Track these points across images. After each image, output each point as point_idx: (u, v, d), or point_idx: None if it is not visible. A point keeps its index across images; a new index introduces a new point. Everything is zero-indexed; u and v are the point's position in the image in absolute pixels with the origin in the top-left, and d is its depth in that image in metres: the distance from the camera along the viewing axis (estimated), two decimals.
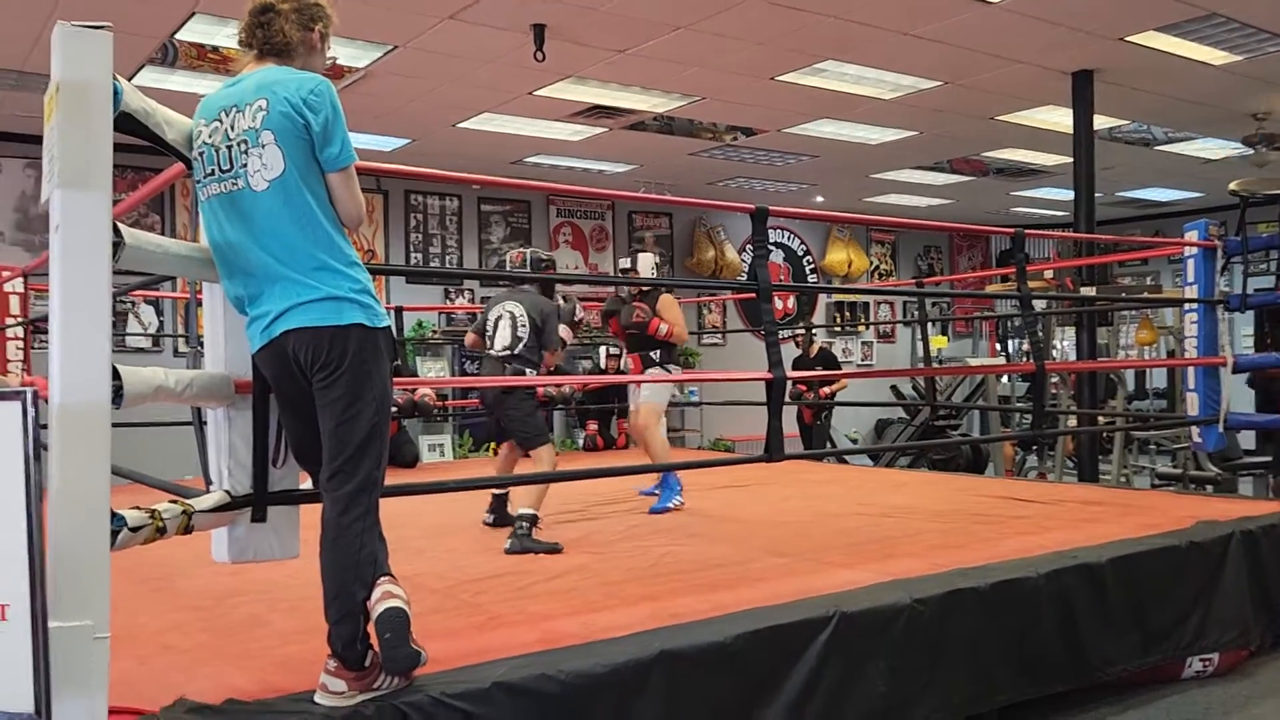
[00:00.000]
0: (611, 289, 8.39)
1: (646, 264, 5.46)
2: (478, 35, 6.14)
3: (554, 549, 4.03)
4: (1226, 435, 5.22)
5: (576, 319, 4.97)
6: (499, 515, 4.70)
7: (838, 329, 13.12)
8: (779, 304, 12.60)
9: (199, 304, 2.80)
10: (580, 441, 9.42)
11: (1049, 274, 9.09)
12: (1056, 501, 4.95)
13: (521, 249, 5.00)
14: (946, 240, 14.63)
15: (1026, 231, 4.50)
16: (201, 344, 2.73)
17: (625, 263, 5.46)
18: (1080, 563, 3.47)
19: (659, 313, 5.26)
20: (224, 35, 5.99)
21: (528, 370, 4.52)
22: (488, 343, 4.61)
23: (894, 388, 12.89)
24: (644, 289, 5.28)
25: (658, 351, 5.32)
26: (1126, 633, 3.56)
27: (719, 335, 12.09)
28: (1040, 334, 7.56)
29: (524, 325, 4.55)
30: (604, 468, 3.77)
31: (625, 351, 5.67)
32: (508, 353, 4.51)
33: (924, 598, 3.04)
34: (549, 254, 5.01)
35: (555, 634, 2.72)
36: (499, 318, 4.58)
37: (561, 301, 4.74)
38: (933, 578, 3.24)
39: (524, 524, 4.14)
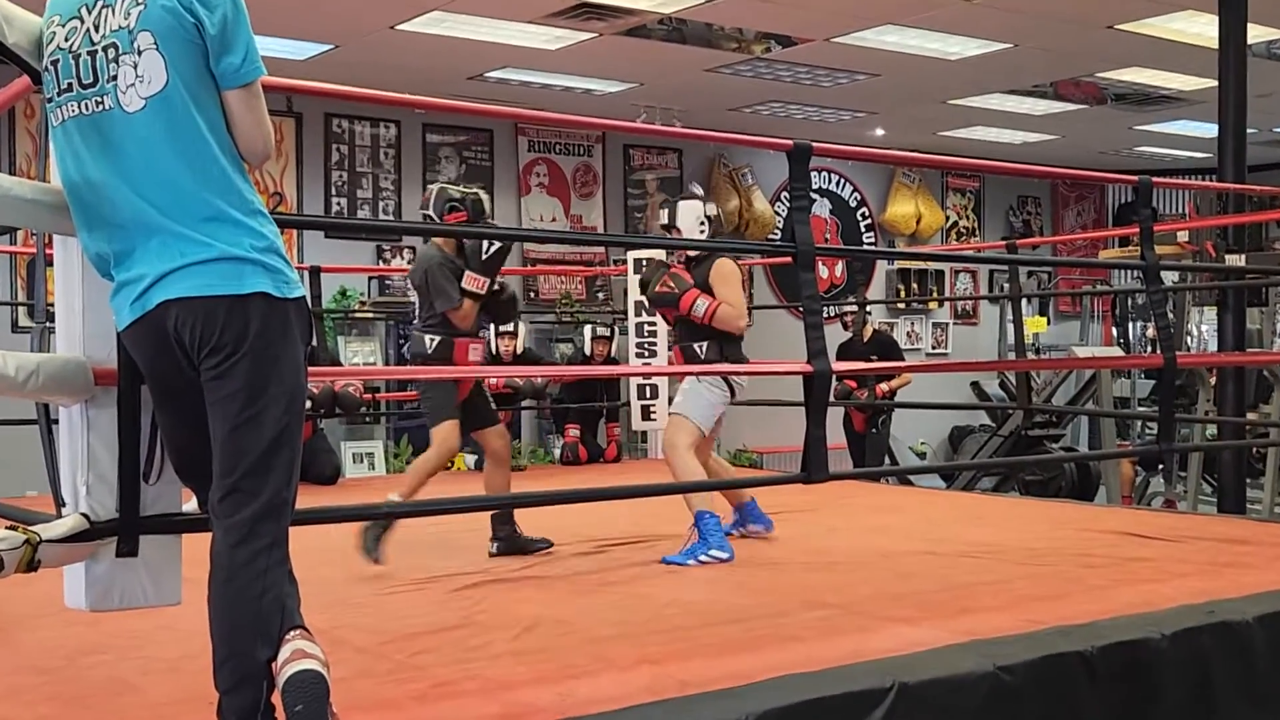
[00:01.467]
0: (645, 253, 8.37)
1: (690, 216, 5.04)
2: None
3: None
4: None
5: (488, 254, 4.80)
6: (506, 539, 4.91)
7: (901, 306, 13.13)
8: (823, 272, 12.62)
9: (48, 264, 2.79)
10: (557, 452, 9.43)
11: (1184, 236, 9.08)
12: (1188, 539, 4.97)
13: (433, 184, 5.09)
14: (1047, 190, 14.62)
15: (1154, 179, 4.49)
16: (51, 318, 2.72)
17: (664, 215, 5.11)
18: (1219, 620, 3.49)
19: (711, 285, 4.91)
20: None
21: (428, 339, 4.89)
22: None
23: (975, 385, 12.89)
24: (694, 253, 5.02)
25: (705, 345, 4.98)
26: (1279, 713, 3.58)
27: None
28: (1171, 316, 7.58)
29: (417, 288, 4.98)
30: (590, 489, 3.78)
31: (672, 342, 5.40)
32: (417, 324, 4.98)
33: (1011, 664, 3.04)
34: (466, 190, 4.97)
35: (521, 707, 2.72)
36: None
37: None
38: (1023, 638, 3.25)
39: (376, 529, 4.45)
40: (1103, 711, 3.20)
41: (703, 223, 5.05)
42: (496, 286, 4.93)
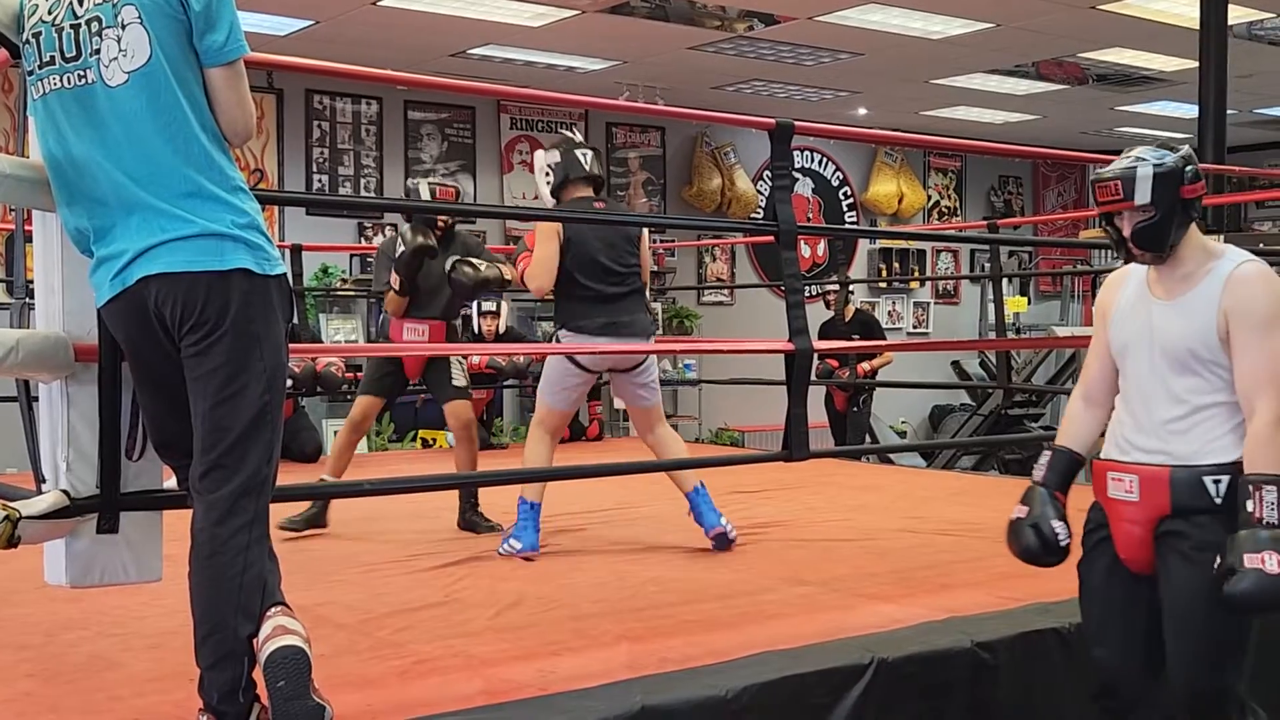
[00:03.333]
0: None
1: (537, 167, 4.61)
2: None
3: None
4: None
5: (405, 248, 4.78)
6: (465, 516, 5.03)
7: (883, 285, 13.15)
8: (805, 251, 12.62)
9: (27, 239, 2.78)
10: None
11: None
12: None
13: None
14: (1029, 170, 14.64)
15: None
16: (30, 294, 2.71)
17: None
18: None
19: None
20: None
21: (382, 317, 5.21)
22: None
23: (956, 364, 12.93)
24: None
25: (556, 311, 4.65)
26: (1255, 684, 3.60)
27: (724, 291, 12.09)
28: None
29: None
30: (572, 467, 3.79)
31: None
32: None
33: (990, 641, 3.07)
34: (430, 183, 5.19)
35: (503, 684, 2.74)
36: None
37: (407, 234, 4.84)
38: (1002, 615, 3.29)
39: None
40: (1080, 688, 3.22)
41: (547, 172, 4.56)
42: (454, 271, 4.90)
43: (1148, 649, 2.65)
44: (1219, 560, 2.42)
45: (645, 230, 4.68)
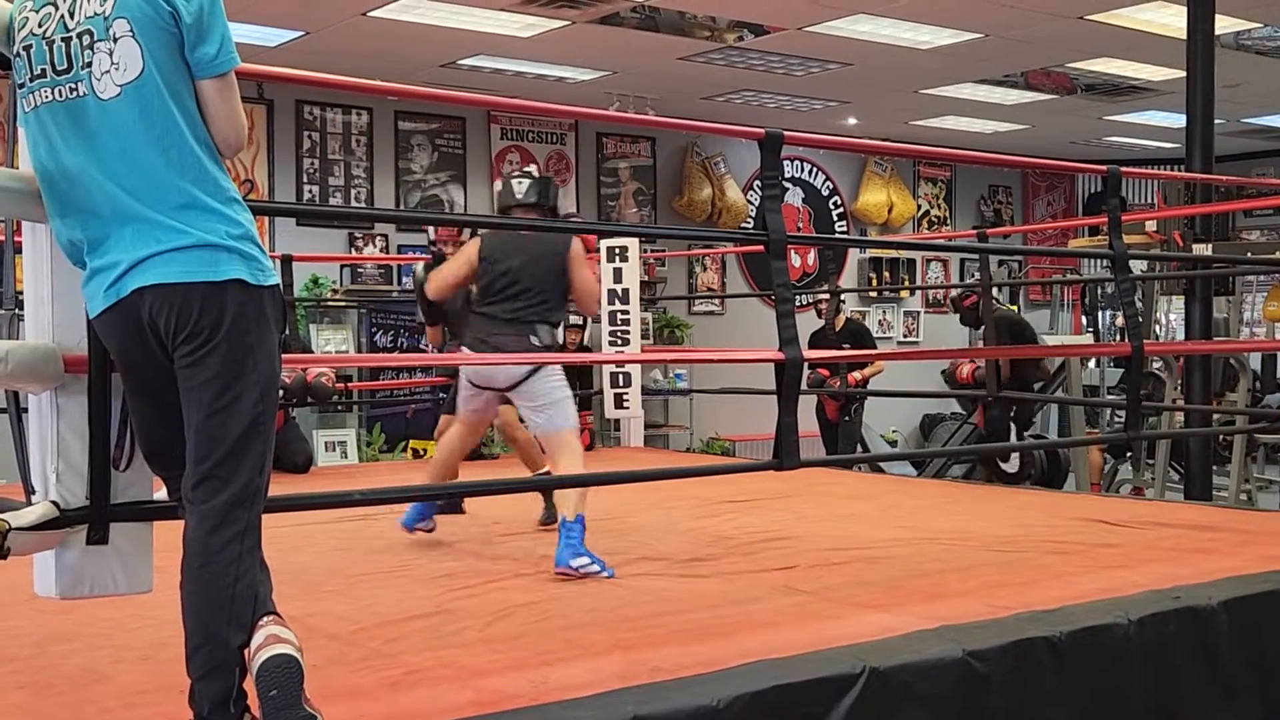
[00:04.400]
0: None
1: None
2: None
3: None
4: None
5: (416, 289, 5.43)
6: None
7: (873, 294, 13.18)
8: (795, 260, 12.65)
9: (17, 250, 2.78)
10: None
11: (1152, 226, 9.16)
12: (1155, 525, 5.01)
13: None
14: (1018, 179, 14.69)
15: (1123, 169, 4.51)
16: (20, 305, 2.71)
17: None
18: (1185, 605, 3.52)
19: None
20: None
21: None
22: None
23: (946, 373, 12.95)
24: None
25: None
26: (1244, 698, 3.62)
27: (715, 301, 12.11)
28: (1139, 305, 7.65)
29: None
30: (561, 477, 3.77)
31: None
32: None
33: (980, 650, 3.07)
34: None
35: (494, 694, 2.73)
36: None
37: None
38: (992, 624, 3.28)
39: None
40: (1070, 696, 3.23)
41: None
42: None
43: None
44: None
45: (578, 259, 4.57)
